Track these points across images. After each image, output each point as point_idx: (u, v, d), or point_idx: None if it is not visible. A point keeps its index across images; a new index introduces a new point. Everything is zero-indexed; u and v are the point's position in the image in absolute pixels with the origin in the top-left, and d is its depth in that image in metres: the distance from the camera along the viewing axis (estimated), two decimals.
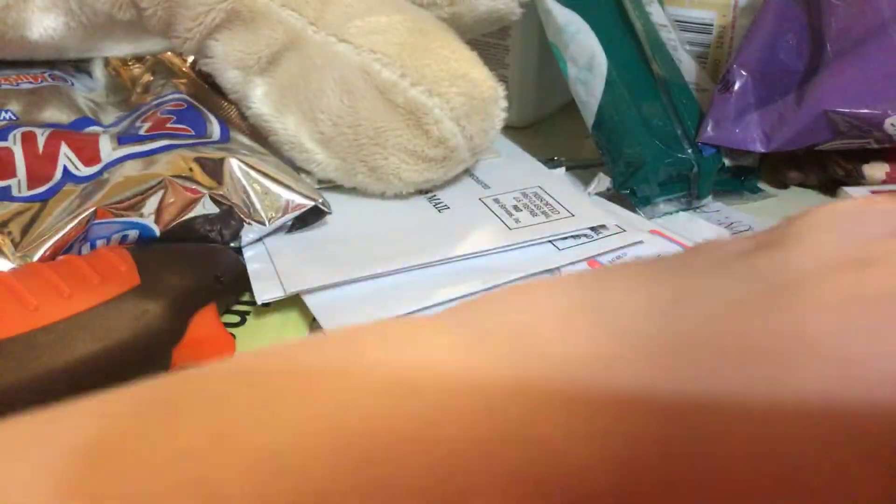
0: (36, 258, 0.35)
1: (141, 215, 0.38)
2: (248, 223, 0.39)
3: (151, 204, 0.38)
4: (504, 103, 0.44)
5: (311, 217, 0.41)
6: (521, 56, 0.57)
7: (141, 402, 0.12)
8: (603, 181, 0.48)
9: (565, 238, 0.41)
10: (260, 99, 0.43)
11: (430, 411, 0.11)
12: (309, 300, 0.36)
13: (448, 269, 0.38)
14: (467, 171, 0.47)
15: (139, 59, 0.53)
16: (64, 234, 0.36)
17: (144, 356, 0.30)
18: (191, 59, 0.52)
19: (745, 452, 0.12)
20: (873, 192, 0.41)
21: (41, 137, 0.39)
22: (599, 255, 0.40)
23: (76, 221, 0.36)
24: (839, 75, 0.45)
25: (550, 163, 0.50)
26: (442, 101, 0.41)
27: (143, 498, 0.10)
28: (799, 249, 0.16)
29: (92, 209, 0.37)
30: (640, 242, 0.42)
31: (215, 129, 0.43)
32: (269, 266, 0.38)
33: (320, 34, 0.42)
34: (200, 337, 0.33)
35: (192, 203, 0.38)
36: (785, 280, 0.15)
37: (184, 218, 0.38)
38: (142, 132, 0.42)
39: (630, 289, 0.16)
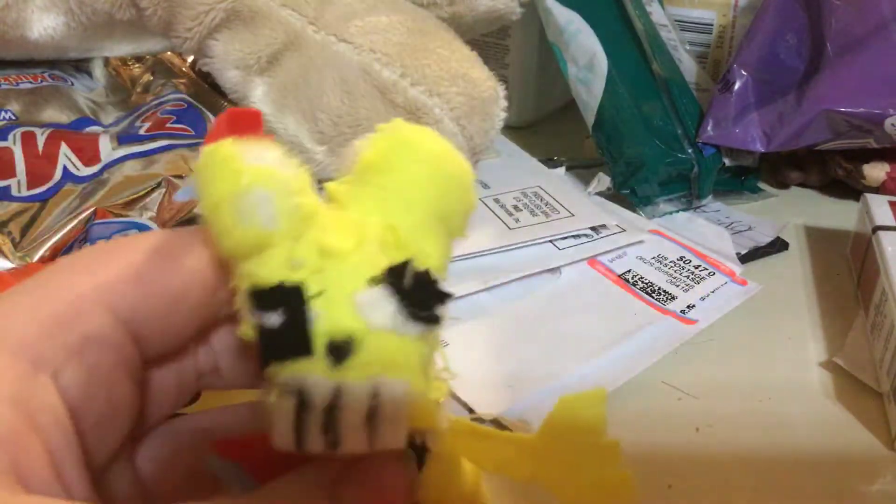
0: (36, 259, 0.35)
1: (141, 215, 0.37)
2: None
3: (151, 204, 0.38)
4: (504, 103, 0.44)
5: None
6: (521, 56, 0.57)
7: None
8: (603, 181, 0.48)
9: (565, 238, 0.41)
10: (260, 99, 0.43)
11: None
12: None
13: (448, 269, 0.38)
14: None
15: (139, 58, 0.53)
16: (64, 235, 0.36)
17: None
18: (191, 58, 0.52)
19: None
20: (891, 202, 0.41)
21: (41, 137, 0.39)
22: (599, 254, 0.40)
23: (76, 221, 0.36)
24: (839, 75, 0.45)
25: (550, 163, 0.50)
26: (442, 100, 0.41)
27: None
28: None
29: (92, 209, 0.37)
30: (641, 242, 0.42)
31: None
32: None
33: (320, 34, 0.42)
34: None
35: (192, 203, 0.38)
36: None
37: (183, 218, 0.38)
38: (142, 132, 0.42)
39: None
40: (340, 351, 0.14)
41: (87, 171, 0.39)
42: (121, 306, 0.15)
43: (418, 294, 0.15)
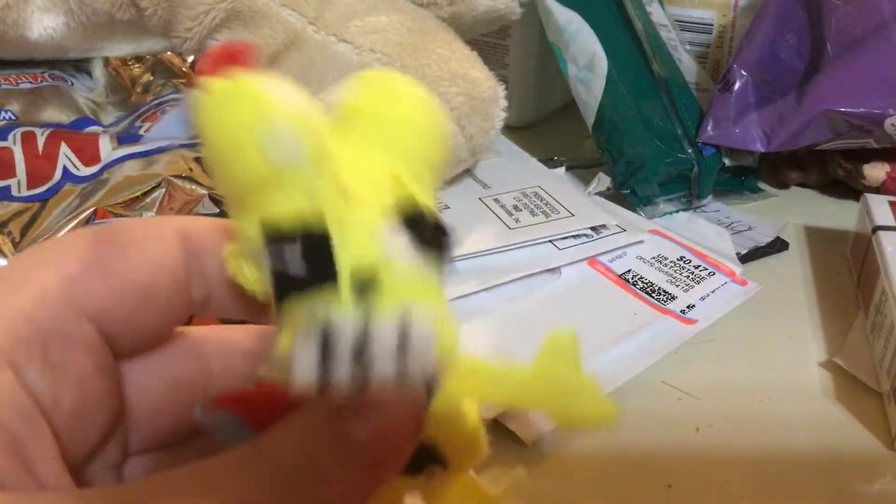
0: None
1: (141, 215, 0.37)
2: None
3: (151, 204, 0.38)
4: (504, 103, 0.44)
5: None
6: (521, 56, 0.57)
7: None
8: (603, 181, 0.48)
9: (565, 238, 0.41)
10: None
11: None
12: None
13: None
14: (467, 171, 0.47)
15: (139, 58, 0.53)
16: (64, 235, 0.36)
17: None
18: (191, 58, 0.52)
19: None
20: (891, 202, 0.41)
21: (41, 137, 0.39)
22: (599, 254, 0.40)
23: (76, 222, 0.36)
24: (839, 75, 0.45)
25: (550, 163, 0.50)
26: (442, 100, 0.41)
27: None
28: None
29: (92, 209, 0.37)
30: (641, 242, 0.42)
31: None
32: None
33: (320, 34, 0.42)
34: None
35: (192, 203, 0.38)
36: None
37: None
38: (142, 132, 0.42)
39: None
40: (366, 281, 0.14)
41: (87, 171, 0.39)
42: (86, 302, 0.15)
43: (426, 229, 0.15)
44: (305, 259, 0.14)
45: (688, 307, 0.37)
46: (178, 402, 0.18)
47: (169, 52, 0.53)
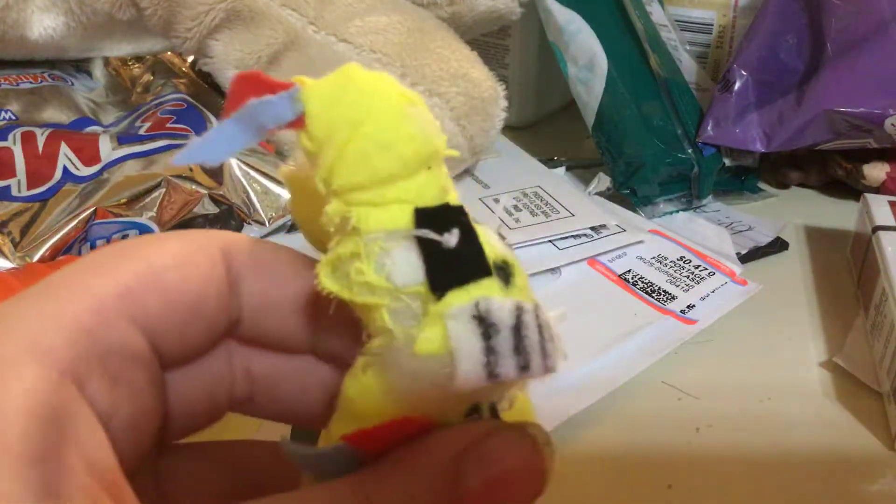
0: (36, 258, 0.35)
1: (141, 215, 0.38)
2: (248, 223, 0.39)
3: (151, 204, 0.38)
4: (504, 103, 0.44)
5: None
6: (521, 56, 0.57)
7: None
8: (603, 181, 0.48)
9: (565, 238, 0.41)
10: None
11: None
12: None
13: None
14: (467, 171, 0.47)
15: (139, 58, 0.53)
16: (64, 234, 0.36)
17: None
18: (191, 58, 0.52)
19: None
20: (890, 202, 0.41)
21: (41, 137, 0.39)
22: (599, 254, 0.40)
23: (76, 221, 0.36)
24: (839, 75, 0.45)
25: (550, 163, 0.50)
26: (442, 100, 0.41)
27: None
28: None
29: (92, 209, 0.37)
30: (641, 242, 0.42)
31: None
32: None
33: (320, 34, 0.42)
34: None
35: (192, 203, 0.38)
36: None
37: (184, 217, 0.38)
38: (142, 132, 0.42)
39: None
40: (505, 272, 0.14)
41: (87, 170, 0.39)
42: (142, 315, 0.15)
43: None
44: (463, 248, 0.14)
45: (688, 307, 0.37)
46: (207, 398, 0.18)
47: (169, 52, 0.53)
